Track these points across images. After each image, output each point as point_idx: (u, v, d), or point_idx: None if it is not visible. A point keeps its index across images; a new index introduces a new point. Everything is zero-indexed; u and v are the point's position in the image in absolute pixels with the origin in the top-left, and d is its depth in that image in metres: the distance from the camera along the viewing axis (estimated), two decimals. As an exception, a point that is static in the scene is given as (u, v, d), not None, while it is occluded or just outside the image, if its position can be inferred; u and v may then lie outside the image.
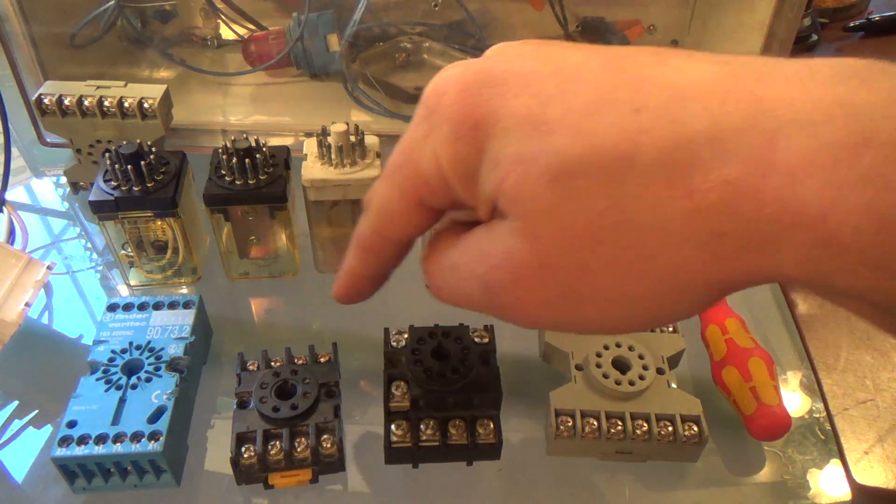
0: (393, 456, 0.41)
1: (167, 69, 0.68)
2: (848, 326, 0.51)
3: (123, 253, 0.51)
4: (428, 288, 0.27)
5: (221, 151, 0.47)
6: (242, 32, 0.68)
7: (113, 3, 0.62)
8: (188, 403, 0.43)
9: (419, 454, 0.41)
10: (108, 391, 0.40)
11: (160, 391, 0.40)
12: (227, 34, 0.69)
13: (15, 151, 0.64)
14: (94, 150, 0.55)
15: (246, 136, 0.48)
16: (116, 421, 0.39)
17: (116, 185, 0.47)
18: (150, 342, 0.43)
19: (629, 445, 0.40)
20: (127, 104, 0.52)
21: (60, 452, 0.37)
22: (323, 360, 0.43)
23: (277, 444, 0.39)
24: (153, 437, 0.38)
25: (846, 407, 0.46)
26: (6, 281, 0.47)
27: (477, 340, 0.42)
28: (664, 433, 0.40)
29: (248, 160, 0.47)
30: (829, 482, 0.43)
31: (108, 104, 0.52)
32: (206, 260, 0.54)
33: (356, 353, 0.47)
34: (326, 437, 0.39)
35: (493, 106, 0.22)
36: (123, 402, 0.40)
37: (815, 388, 0.47)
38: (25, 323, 0.47)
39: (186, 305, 0.46)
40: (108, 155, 0.47)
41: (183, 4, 0.68)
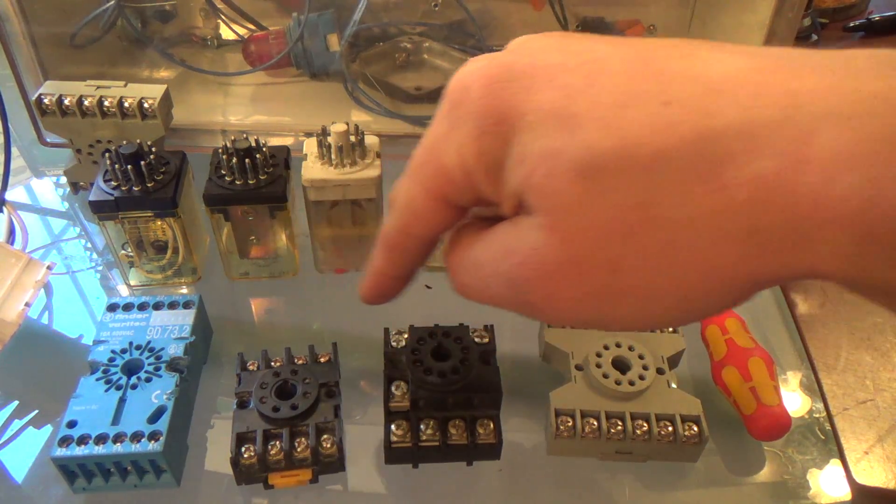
0: (393, 456, 0.41)
1: (167, 69, 0.68)
2: (848, 326, 0.51)
3: (123, 253, 0.51)
4: (450, 285, 0.26)
5: (221, 151, 0.47)
6: (242, 32, 0.68)
7: (113, 3, 0.62)
8: (188, 403, 0.43)
9: (419, 454, 0.41)
10: (108, 391, 0.40)
11: (160, 391, 0.40)
12: (227, 34, 0.69)
13: (15, 151, 0.64)
14: (94, 150, 0.55)
15: (246, 136, 0.48)
16: (116, 421, 0.39)
17: (116, 185, 0.47)
18: (150, 342, 0.43)
19: (629, 445, 0.40)
20: (127, 104, 0.52)
21: (60, 452, 0.37)
22: (323, 360, 0.43)
23: (277, 444, 0.39)
24: (153, 437, 0.38)
25: (846, 407, 0.46)
26: (6, 281, 0.47)
27: (477, 340, 0.42)
28: (664, 433, 0.40)
29: (248, 160, 0.47)
30: (829, 482, 0.42)
31: (108, 104, 0.52)
32: (206, 260, 0.54)
33: (356, 353, 0.47)
34: (326, 437, 0.39)
35: (518, 100, 0.21)
36: (123, 402, 0.40)
37: (815, 388, 0.47)
38: (25, 323, 0.47)
39: (186, 305, 0.46)
40: (108, 155, 0.47)
41: (183, 4, 0.68)
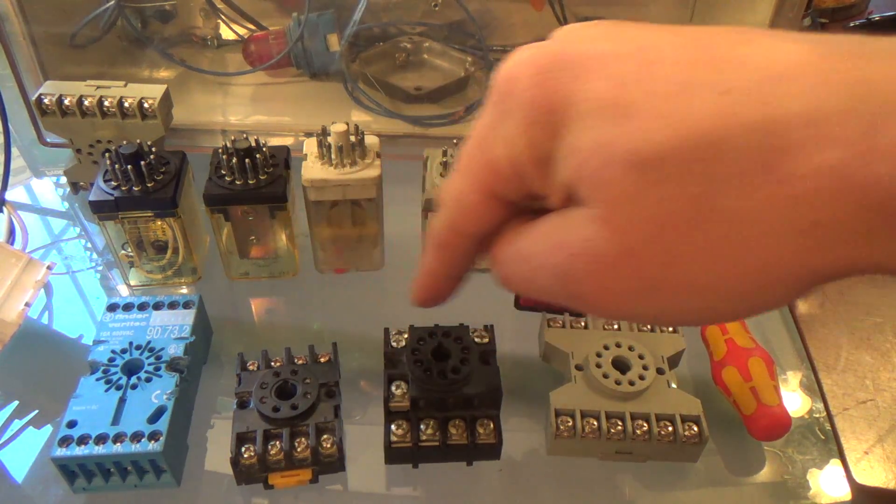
0: (393, 456, 0.41)
1: (167, 69, 0.68)
2: (848, 326, 0.51)
3: (123, 253, 0.51)
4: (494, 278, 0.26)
5: (221, 151, 0.47)
6: (242, 32, 0.68)
7: (113, 3, 0.62)
8: (188, 403, 0.43)
9: (419, 454, 0.41)
10: (108, 391, 0.40)
11: (160, 391, 0.40)
12: (227, 34, 0.69)
13: (15, 151, 0.64)
14: (94, 150, 0.55)
15: (246, 136, 0.48)
16: (116, 421, 0.39)
17: (116, 185, 0.47)
18: (150, 342, 0.43)
19: (629, 445, 0.40)
20: (127, 104, 0.52)
21: (60, 452, 0.37)
22: (323, 360, 0.43)
23: (277, 444, 0.39)
24: (153, 437, 0.38)
25: (846, 407, 0.46)
26: (6, 281, 0.47)
27: (477, 340, 0.42)
28: (664, 433, 0.40)
29: (248, 160, 0.47)
30: (829, 482, 0.42)
31: (108, 104, 0.52)
32: (206, 260, 0.54)
33: (356, 353, 0.47)
34: (326, 437, 0.39)
35: (569, 89, 0.21)
36: (123, 402, 0.40)
37: (815, 388, 0.47)
38: (25, 323, 0.47)
39: (186, 305, 0.46)
40: (108, 155, 0.47)
41: (183, 4, 0.68)
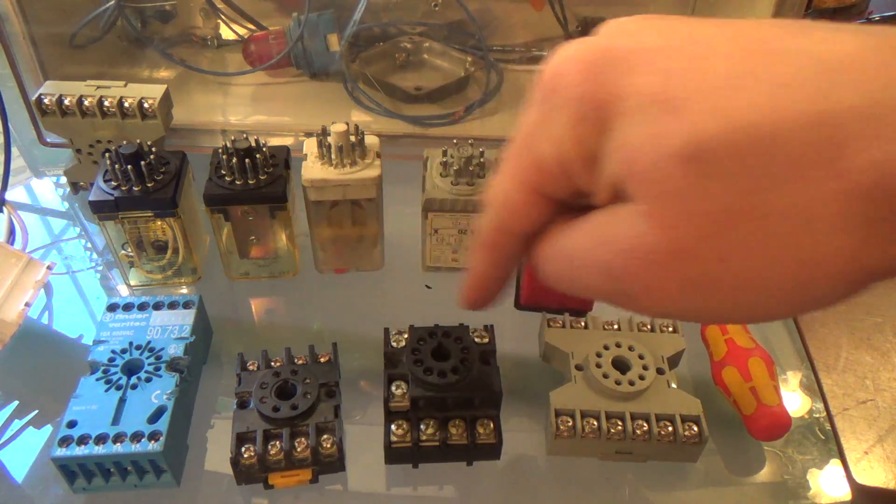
0: (393, 456, 0.41)
1: (167, 69, 0.68)
2: (848, 326, 0.51)
3: (123, 253, 0.51)
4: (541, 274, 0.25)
5: (221, 151, 0.47)
6: (242, 32, 0.68)
7: (113, 3, 0.62)
8: (188, 403, 0.43)
9: (419, 454, 0.41)
10: (108, 391, 0.40)
11: (160, 391, 0.40)
12: (227, 34, 0.69)
13: (15, 151, 0.64)
14: (94, 150, 0.55)
15: (246, 136, 0.48)
16: (116, 421, 0.39)
17: (116, 185, 0.47)
18: (150, 342, 0.43)
19: (629, 445, 0.40)
20: (127, 104, 0.52)
21: (60, 452, 0.37)
22: (323, 360, 0.43)
23: (277, 444, 0.39)
24: (153, 437, 0.38)
25: (846, 407, 0.46)
26: (6, 281, 0.47)
27: (477, 340, 0.42)
28: (664, 433, 0.40)
29: (248, 160, 0.47)
30: (829, 482, 0.42)
31: (108, 104, 0.52)
32: (206, 260, 0.54)
33: (356, 353, 0.47)
34: (326, 437, 0.39)
35: (617, 85, 0.20)
36: (123, 402, 0.40)
37: (815, 388, 0.47)
38: (25, 323, 0.47)
39: (186, 305, 0.46)
40: (108, 155, 0.47)
41: (183, 4, 0.68)
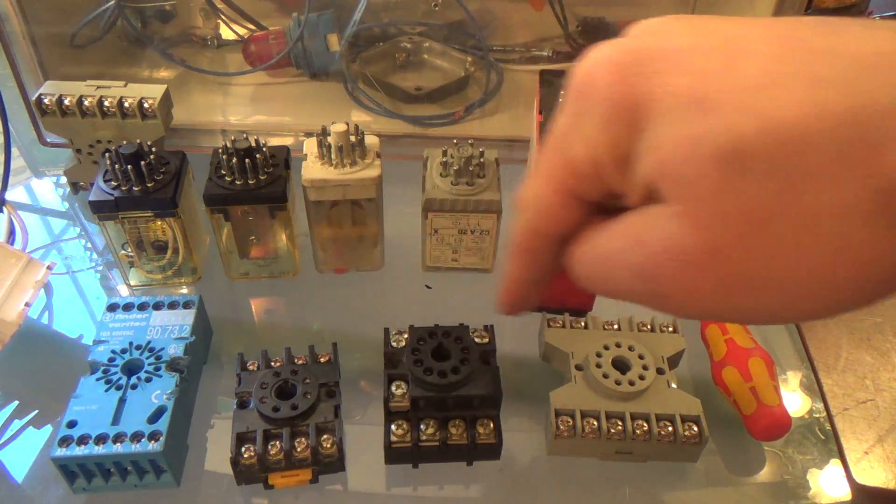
0: (393, 456, 0.41)
1: (167, 69, 0.68)
2: (848, 326, 0.51)
3: (123, 253, 0.51)
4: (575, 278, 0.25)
5: (221, 151, 0.47)
6: (242, 32, 0.68)
7: (113, 3, 0.62)
8: (188, 403, 0.43)
9: (419, 454, 0.41)
10: (108, 391, 0.40)
11: (160, 391, 0.40)
12: (227, 34, 0.69)
13: (15, 151, 0.64)
14: (94, 150, 0.55)
15: (246, 136, 0.48)
16: (116, 421, 0.39)
17: (116, 185, 0.47)
18: (150, 342, 0.43)
19: (629, 445, 0.40)
20: (127, 104, 0.52)
21: (60, 452, 0.37)
22: (323, 360, 0.43)
23: (277, 444, 0.39)
24: (153, 437, 0.38)
25: (846, 407, 0.46)
26: (6, 281, 0.47)
27: (477, 340, 0.42)
28: (664, 433, 0.40)
29: (248, 160, 0.47)
30: (829, 482, 0.42)
31: (108, 104, 0.52)
32: (206, 260, 0.54)
33: (356, 353, 0.47)
34: (326, 437, 0.39)
35: (650, 85, 0.20)
36: (123, 402, 0.40)
37: (815, 388, 0.47)
38: (25, 323, 0.47)
39: (186, 305, 0.46)
40: (108, 155, 0.47)
41: (183, 4, 0.68)
